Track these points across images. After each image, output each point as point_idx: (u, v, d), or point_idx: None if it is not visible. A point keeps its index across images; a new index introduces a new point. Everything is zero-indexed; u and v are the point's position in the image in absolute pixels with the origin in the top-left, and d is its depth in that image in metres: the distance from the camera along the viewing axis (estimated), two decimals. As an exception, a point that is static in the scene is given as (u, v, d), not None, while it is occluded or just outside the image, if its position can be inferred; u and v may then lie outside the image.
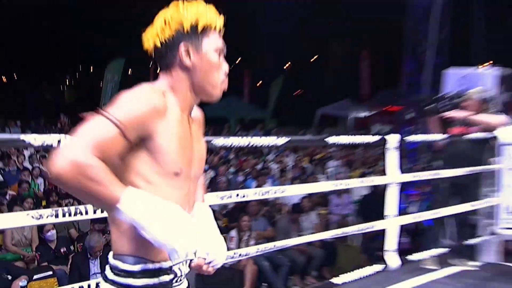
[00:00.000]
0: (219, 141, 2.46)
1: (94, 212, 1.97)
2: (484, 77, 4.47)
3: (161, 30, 1.27)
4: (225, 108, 18.82)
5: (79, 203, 2.11)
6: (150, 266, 1.23)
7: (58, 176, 1.06)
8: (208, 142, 2.52)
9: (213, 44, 1.30)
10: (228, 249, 1.75)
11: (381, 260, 3.36)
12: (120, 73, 16.56)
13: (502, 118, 4.13)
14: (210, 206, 1.56)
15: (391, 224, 3.26)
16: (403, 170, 6.48)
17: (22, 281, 4.26)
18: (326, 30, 24.21)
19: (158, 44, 1.28)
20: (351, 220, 7.28)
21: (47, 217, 1.85)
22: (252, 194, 2.59)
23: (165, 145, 1.21)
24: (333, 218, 7.88)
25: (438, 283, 3.75)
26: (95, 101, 17.38)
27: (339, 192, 8.25)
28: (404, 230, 6.24)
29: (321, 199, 7.92)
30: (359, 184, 3.36)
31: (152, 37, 1.29)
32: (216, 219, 5.55)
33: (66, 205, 5.32)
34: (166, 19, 1.26)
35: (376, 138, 3.32)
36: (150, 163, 1.21)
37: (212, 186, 8.10)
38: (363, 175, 9.19)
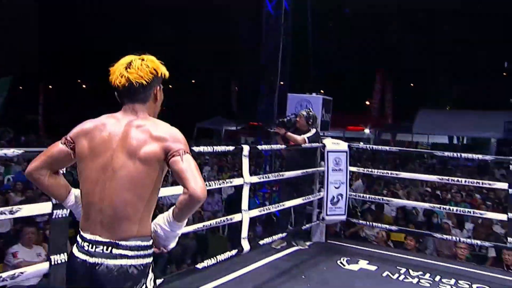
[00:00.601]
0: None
1: None
2: (313, 101, 4.93)
3: (146, 74, 1.50)
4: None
5: None
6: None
7: (204, 198, 1.40)
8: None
9: (161, 86, 1.61)
10: None
11: (239, 246, 3.47)
12: (7, 90, 14.77)
13: (304, 137, 4.40)
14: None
15: (244, 216, 3.39)
16: (264, 172, 6.87)
17: None
18: (203, 59, 24.43)
19: (145, 83, 1.50)
20: (220, 216, 7.40)
21: None
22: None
23: None
24: (205, 214, 7.93)
25: (281, 260, 3.98)
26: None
27: (211, 192, 8.33)
28: (259, 220, 6.56)
29: (196, 199, 7.92)
30: (219, 186, 3.43)
31: (136, 78, 1.49)
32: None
33: None
34: (149, 66, 1.51)
35: (232, 147, 3.44)
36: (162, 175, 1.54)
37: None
38: (231, 177, 9.43)
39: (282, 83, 7.21)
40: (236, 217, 3.41)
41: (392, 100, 20.20)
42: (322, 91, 7.48)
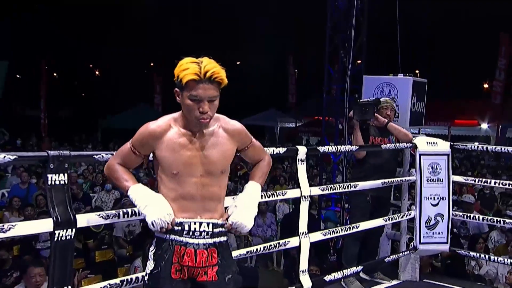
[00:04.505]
0: (104, 156, 2.53)
1: None
2: (398, 85, 4.87)
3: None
4: (134, 118, 18.78)
5: None
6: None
7: (104, 172, 2.31)
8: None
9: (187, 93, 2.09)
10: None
11: (298, 282, 3.50)
12: (3, 79, 15.87)
13: (408, 132, 4.49)
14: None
15: (302, 242, 3.41)
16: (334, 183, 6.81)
17: None
18: (249, 31, 24.79)
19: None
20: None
21: None
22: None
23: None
24: (254, 240, 8.01)
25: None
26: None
27: (260, 212, 8.42)
28: (334, 248, 6.54)
29: (242, 220, 8.03)
30: (267, 199, 3.47)
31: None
32: (120, 247, 5.52)
33: None
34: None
35: (283, 149, 3.47)
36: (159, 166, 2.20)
37: (117, 207, 7.98)
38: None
39: (359, 62, 7.13)
40: (292, 242, 3.45)
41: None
42: (417, 71, 7.25)
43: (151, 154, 2.24)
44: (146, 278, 2.18)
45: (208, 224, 2.15)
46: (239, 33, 25.23)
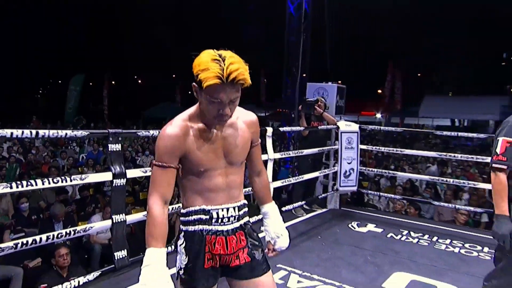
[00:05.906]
0: (144, 133, 2.45)
1: (43, 183, 1.91)
2: (328, 89, 4.84)
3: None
4: (162, 111, 18.50)
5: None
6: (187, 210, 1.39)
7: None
8: (134, 133, 2.50)
9: (207, 95, 1.23)
10: None
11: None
12: (81, 85, 15.37)
13: (334, 117, 4.51)
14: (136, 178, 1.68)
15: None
16: (288, 151, 6.87)
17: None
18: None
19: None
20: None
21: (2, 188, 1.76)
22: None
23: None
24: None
25: (301, 223, 3.98)
26: (62, 106, 15.96)
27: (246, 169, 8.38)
28: (286, 191, 6.58)
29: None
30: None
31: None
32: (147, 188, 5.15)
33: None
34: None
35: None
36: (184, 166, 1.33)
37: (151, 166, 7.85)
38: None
39: (304, 75, 7.07)
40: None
41: (401, 88, 19.47)
42: (339, 81, 7.26)
43: None
44: (181, 272, 1.37)
45: (234, 208, 1.38)
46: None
